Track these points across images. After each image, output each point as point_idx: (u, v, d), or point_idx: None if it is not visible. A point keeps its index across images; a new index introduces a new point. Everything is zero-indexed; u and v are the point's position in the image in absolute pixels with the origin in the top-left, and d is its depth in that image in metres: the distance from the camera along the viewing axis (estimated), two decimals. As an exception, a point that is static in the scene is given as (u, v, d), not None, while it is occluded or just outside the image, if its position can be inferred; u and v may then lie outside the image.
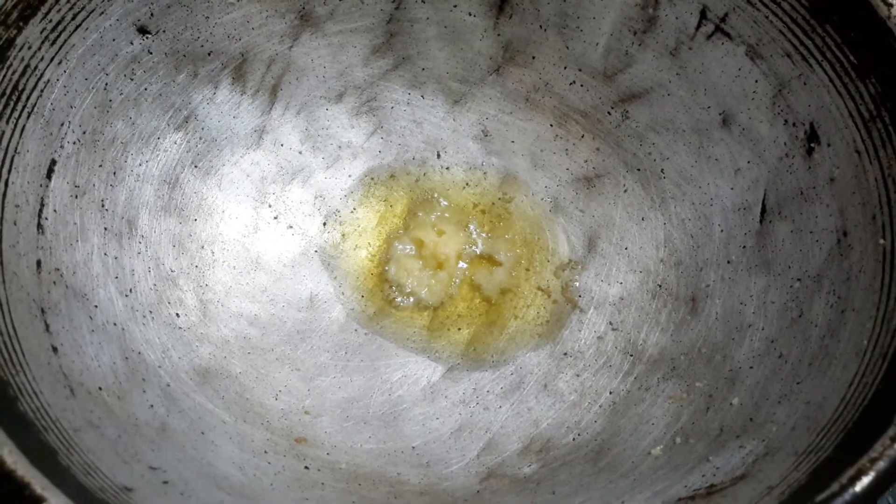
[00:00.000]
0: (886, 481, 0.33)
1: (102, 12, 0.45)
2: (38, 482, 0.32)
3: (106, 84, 0.46)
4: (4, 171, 0.41)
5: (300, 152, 0.54)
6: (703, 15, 0.48)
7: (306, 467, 0.43)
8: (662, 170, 0.52)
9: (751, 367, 0.44)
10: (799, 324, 0.44)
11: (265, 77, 0.53)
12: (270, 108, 0.53)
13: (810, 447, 0.37)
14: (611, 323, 0.50)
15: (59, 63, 0.44)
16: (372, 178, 0.55)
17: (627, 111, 0.53)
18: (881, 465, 0.33)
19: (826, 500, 0.33)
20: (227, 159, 0.52)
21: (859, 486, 0.33)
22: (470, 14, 0.53)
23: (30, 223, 0.42)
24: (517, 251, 0.54)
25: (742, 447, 0.40)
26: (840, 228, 0.43)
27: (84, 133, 0.45)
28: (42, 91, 0.43)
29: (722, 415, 0.43)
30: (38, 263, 0.41)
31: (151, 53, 0.48)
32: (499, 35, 0.54)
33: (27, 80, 0.42)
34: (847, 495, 0.33)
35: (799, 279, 0.45)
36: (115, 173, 0.47)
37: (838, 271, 0.43)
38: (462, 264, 0.53)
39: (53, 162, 0.43)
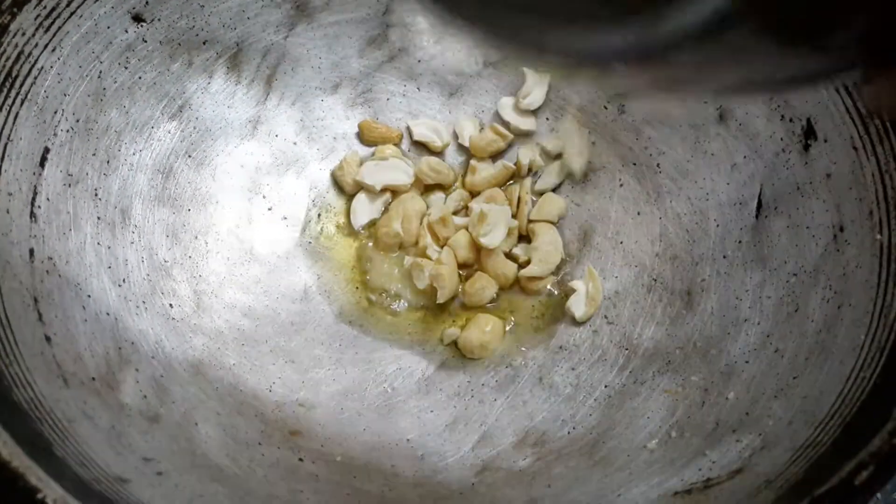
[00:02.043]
0: (885, 476, 0.33)
1: (97, -1, 0.45)
2: (32, 473, 0.31)
3: (100, 72, 0.46)
4: (-3, 158, 0.41)
5: (295, 143, 0.54)
6: None
7: (300, 459, 0.43)
8: (658, 164, 0.52)
9: (746, 362, 0.44)
10: (795, 318, 0.44)
11: (260, 67, 0.52)
12: (265, 99, 0.53)
13: (808, 441, 0.37)
14: (606, 317, 0.50)
15: (54, 50, 0.44)
16: (367, 170, 0.55)
17: (624, 105, 0.53)
18: (880, 459, 0.33)
19: (824, 495, 0.33)
20: (221, 149, 0.52)
21: (858, 481, 0.33)
22: (467, 6, 0.53)
23: (23, 211, 0.41)
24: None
25: (738, 441, 0.40)
26: (836, 224, 0.44)
27: (77, 121, 0.45)
28: (36, 78, 0.43)
29: (718, 409, 0.43)
30: (31, 252, 0.41)
31: (146, 42, 0.48)
32: (495, 28, 0.54)
33: (21, 66, 0.42)
34: (846, 490, 0.33)
35: (795, 274, 0.45)
36: (108, 162, 0.47)
37: (835, 266, 0.43)
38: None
39: (47, 150, 0.43)
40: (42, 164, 0.43)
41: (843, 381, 0.39)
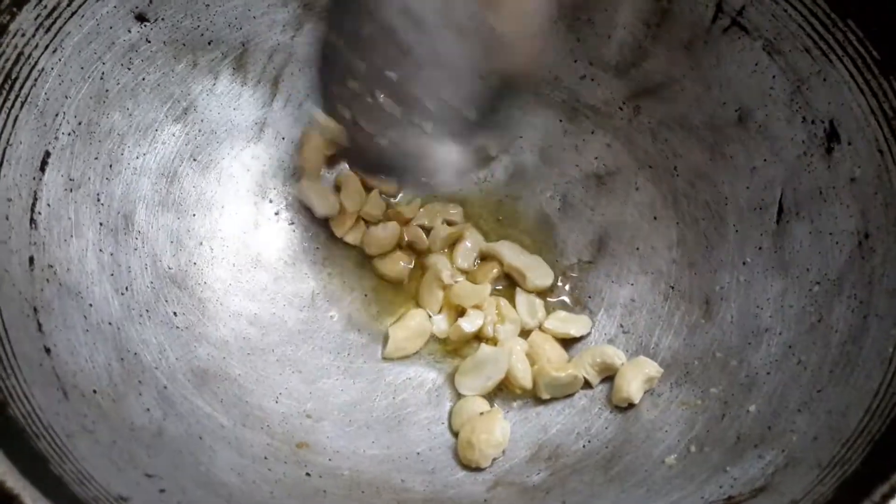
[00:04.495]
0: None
1: (99, -2, 0.44)
2: (28, 493, 0.30)
3: (102, 73, 0.45)
4: (-4, 163, 0.40)
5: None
6: (719, 8, 0.48)
7: (307, 474, 0.42)
8: (675, 167, 0.51)
9: (768, 374, 0.43)
10: (818, 329, 0.42)
11: (266, 68, 0.52)
12: (272, 101, 0.52)
13: (835, 459, 0.36)
14: (621, 325, 0.49)
15: (54, 51, 0.43)
16: (376, 174, 0.54)
17: (640, 106, 0.52)
18: (914, 482, 0.32)
19: (855, 518, 0.32)
20: (226, 153, 0.51)
21: (893, 504, 0.31)
22: (478, 5, 0.52)
23: (22, 218, 0.40)
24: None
25: (761, 457, 0.39)
26: (861, 230, 0.43)
27: (79, 124, 0.44)
28: (36, 80, 0.42)
29: (738, 423, 0.42)
30: (31, 260, 0.40)
31: (150, 42, 0.47)
32: (507, 27, 0.53)
33: (20, 68, 0.41)
34: (878, 513, 0.32)
35: (818, 282, 0.44)
36: (111, 166, 0.46)
37: (860, 275, 0.42)
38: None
39: (47, 154, 0.42)
40: (42, 168, 0.42)
41: (871, 396, 0.38)
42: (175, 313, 0.46)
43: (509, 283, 0.51)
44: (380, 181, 0.53)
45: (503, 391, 0.48)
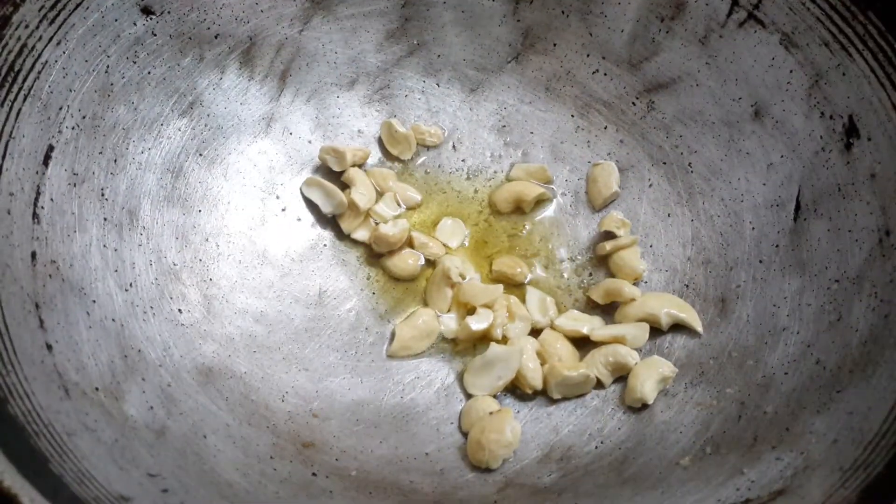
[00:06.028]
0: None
1: (104, -10, 0.44)
2: (26, 493, 0.30)
3: (107, 67, 0.45)
4: (-2, 156, 0.39)
5: (310, 141, 0.52)
6: (734, 1, 0.47)
7: (314, 474, 0.41)
8: (690, 163, 0.50)
9: (786, 374, 0.42)
10: (837, 328, 0.42)
11: (274, 62, 0.51)
12: (279, 95, 0.51)
13: (857, 462, 0.35)
14: (635, 324, 0.48)
15: (59, 43, 0.42)
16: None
17: (653, 102, 0.51)
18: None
19: (880, 523, 0.31)
20: (233, 148, 0.50)
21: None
22: (489, -2, 0.52)
23: (25, 212, 0.40)
24: (535, 248, 0.51)
25: (779, 459, 0.38)
26: (882, 227, 0.42)
27: (84, 118, 0.44)
28: (40, 73, 0.42)
29: (755, 424, 0.41)
30: (33, 255, 0.39)
31: (155, 35, 0.47)
32: (518, 21, 0.52)
33: (24, 60, 0.41)
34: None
35: (837, 280, 0.43)
36: (115, 161, 0.45)
37: (881, 273, 0.41)
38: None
39: (51, 148, 0.42)
40: (46, 162, 0.41)
41: (894, 397, 0.37)
42: (180, 310, 0.45)
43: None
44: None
45: (514, 391, 0.47)
